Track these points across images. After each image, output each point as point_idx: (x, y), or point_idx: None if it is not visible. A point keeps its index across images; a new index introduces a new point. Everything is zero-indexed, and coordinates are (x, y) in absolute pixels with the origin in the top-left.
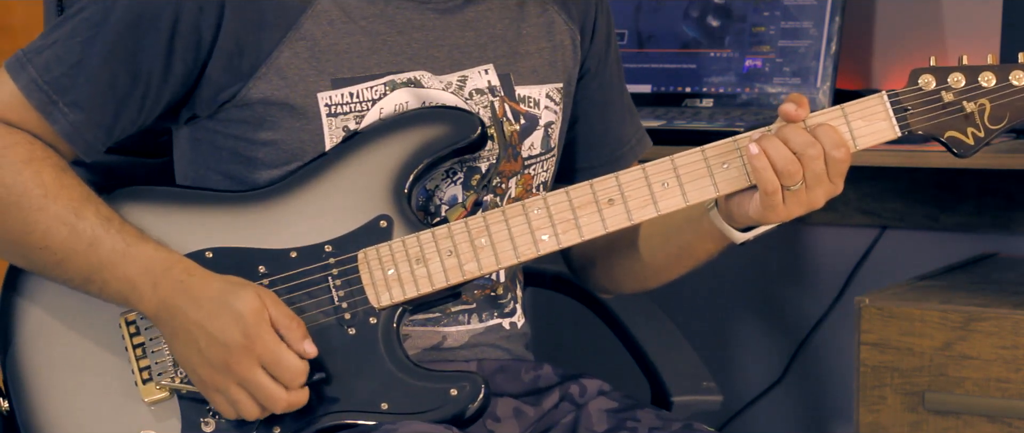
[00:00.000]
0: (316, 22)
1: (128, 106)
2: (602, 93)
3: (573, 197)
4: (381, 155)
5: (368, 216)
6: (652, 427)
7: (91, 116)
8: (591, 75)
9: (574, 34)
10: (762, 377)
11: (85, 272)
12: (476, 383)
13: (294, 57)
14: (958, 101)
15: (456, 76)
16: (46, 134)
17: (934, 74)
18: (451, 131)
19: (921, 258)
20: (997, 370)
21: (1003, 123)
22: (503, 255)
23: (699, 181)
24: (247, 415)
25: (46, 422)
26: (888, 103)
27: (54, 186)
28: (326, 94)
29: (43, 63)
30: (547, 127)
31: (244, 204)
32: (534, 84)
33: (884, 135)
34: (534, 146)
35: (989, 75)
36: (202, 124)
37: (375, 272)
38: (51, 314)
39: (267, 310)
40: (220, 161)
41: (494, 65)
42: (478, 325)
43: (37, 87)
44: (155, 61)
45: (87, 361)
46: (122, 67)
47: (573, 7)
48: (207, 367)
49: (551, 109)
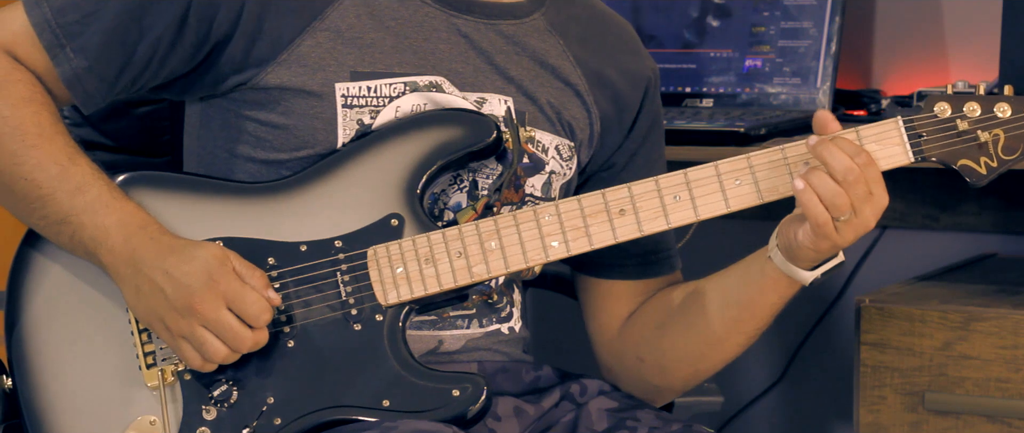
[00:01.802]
0: (342, 15)
1: (133, 64)
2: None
3: (585, 205)
4: (396, 154)
5: (380, 214)
6: (652, 427)
7: (95, 66)
8: (619, 169)
9: (594, 119)
10: (762, 377)
11: (63, 212)
12: (478, 385)
13: (316, 46)
14: (973, 130)
15: (476, 96)
16: (48, 76)
17: (949, 102)
18: (466, 134)
19: (921, 258)
20: (997, 370)
21: (1017, 154)
22: (512, 259)
23: (710, 196)
24: (214, 356)
25: (48, 402)
26: (903, 129)
27: (50, 130)
28: (344, 85)
29: (59, 5)
30: (551, 175)
31: (256, 195)
32: (547, 132)
33: (897, 160)
34: (536, 188)
35: (1005, 106)
36: (215, 102)
37: (384, 270)
38: (58, 296)
39: (230, 259)
40: (229, 140)
41: (512, 100)
42: (477, 330)
43: (49, 27)
44: (168, 25)
45: (91, 344)
46: (134, 25)
47: (604, 92)
48: (172, 312)
49: (558, 162)
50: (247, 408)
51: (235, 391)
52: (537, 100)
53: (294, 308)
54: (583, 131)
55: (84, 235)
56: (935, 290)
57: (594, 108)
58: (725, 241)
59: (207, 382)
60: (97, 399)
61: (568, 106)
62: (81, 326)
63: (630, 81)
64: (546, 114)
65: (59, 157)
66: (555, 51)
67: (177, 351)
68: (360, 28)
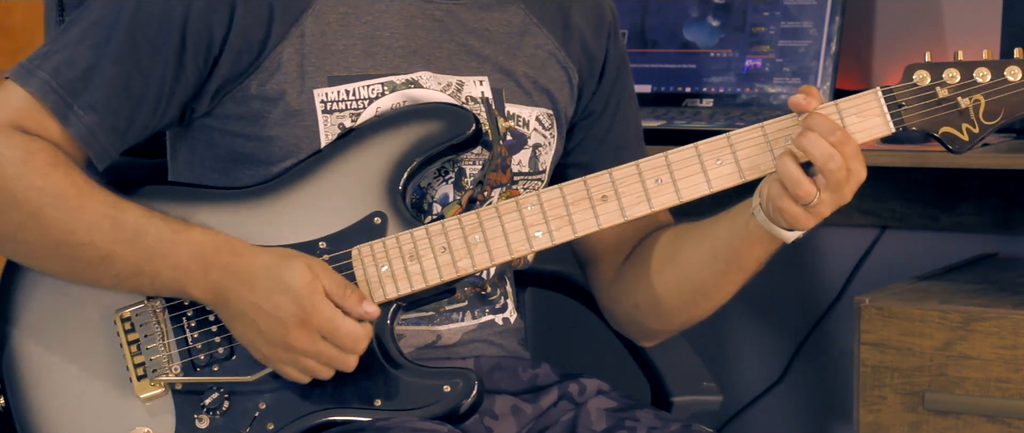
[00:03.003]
0: (317, 20)
1: (142, 108)
2: (614, 134)
3: (567, 193)
4: (375, 152)
5: (362, 213)
6: (651, 427)
7: (106, 119)
8: (597, 116)
9: (572, 74)
10: (762, 377)
11: (134, 264)
12: (469, 379)
13: (294, 53)
14: (953, 97)
15: (455, 79)
16: (62, 140)
17: (929, 70)
18: (445, 128)
19: (921, 258)
20: (997, 370)
21: (998, 119)
22: (497, 251)
23: (692, 178)
24: (321, 377)
25: (41, 419)
26: (882, 98)
27: (87, 186)
28: (322, 91)
29: (54, 67)
30: (535, 148)
31: (239, 200)
32: (525, 105)
33: (878, 131)
34: (522, 164)
35: (984, 71)
36: (198, 122)
37: (369, 269)
38: (46, 311)
39: (319, 281)
40: (215, 158)
41: (488, 78)
42: (471, 322)
43: (51, 90)
44: (168, 62)
45: (82, 358)
46: (135, 69)
47: (573, 46)
48: (269, 346)
49: (540, 132)
50: (239, 415)
51: (226, 399)
52: (513, 73)
53: None
54: (562, 90)
55: (163, 279)
56: (935, 290)
57: (569, 63)
58: None
59: (198, 391)
60: (90, 413)
61: (545, 69)
62: (71, 341)
63: (594, 28)
64: (524, 87)
65: (106, 210)
66: (519, 19)
67: (282, 373)
68: (334, 32)
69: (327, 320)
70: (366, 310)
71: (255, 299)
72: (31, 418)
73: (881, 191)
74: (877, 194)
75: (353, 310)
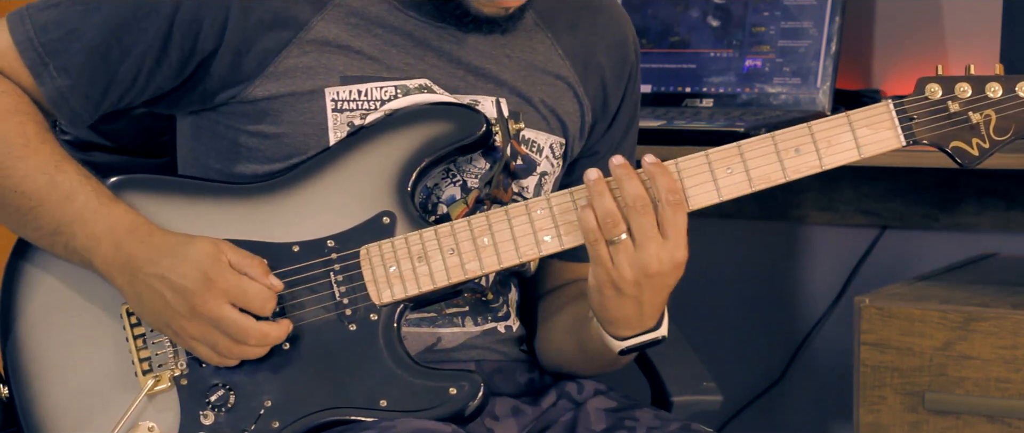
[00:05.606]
0: (328, 23)
1: (117, 82)
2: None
3: (577, 199)
4: (385, 151)
5: (371, 212)
6: (650, 427)
7: (79, 84)
8: (599, 157)
9: (586, 111)
10: (762, 377)
11: (55, 223)
12: (475, 382)
13: (303, 56)
14: (964, 112)
15: (469, 98)
16: (34, 93)
17: (941, 83)
18: (455, 128)
19: (921, 258)
20: (997, 370)
21: (1008, 135)
22: (505, 255)
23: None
24: (229, 353)
25: (45, 410)
26: (894, 111)
27: (36, 140)
28: (334, 89)
29: (41, 23)
30: (542, 176)
31: (248, 197)
32: (542, 131)
33: (889, 144)
34: (527, 190)
35: (995, 86)
36: (205, 115)
37: (377, 269)
38: (53, 303)
39: (223, 254)
40: (221, 151)
41: (506, 100)
42: (473, 328)
43: (31, 45)
44: (152, 42)
45: (87, 351)
46: (117, 43)
47: (592, 83)
48: (178, 318)
49: (550, 161)
50: (244, 412)
51: (232, 395)
52: (531, 100)
53: (289, 310)
54: (575, 124)
55: (77, 244)
56: (935, 290)
57: (585, 100)
58: (722, 240)
59: (204, 387)
60: (95, 406)
61: (561, 101)
62: (76, 333)
63: (616, 69)
64: (541, 113)
65: (46, 166)
66: (543, 47)
67: (194, 353)
68: (347, 36)
69: (234, 283)
70: (270, 282)
71: (161, 271)
72: (34, 409)
73: (881, 191)
74: (877, 194)
75: (259, 279)
